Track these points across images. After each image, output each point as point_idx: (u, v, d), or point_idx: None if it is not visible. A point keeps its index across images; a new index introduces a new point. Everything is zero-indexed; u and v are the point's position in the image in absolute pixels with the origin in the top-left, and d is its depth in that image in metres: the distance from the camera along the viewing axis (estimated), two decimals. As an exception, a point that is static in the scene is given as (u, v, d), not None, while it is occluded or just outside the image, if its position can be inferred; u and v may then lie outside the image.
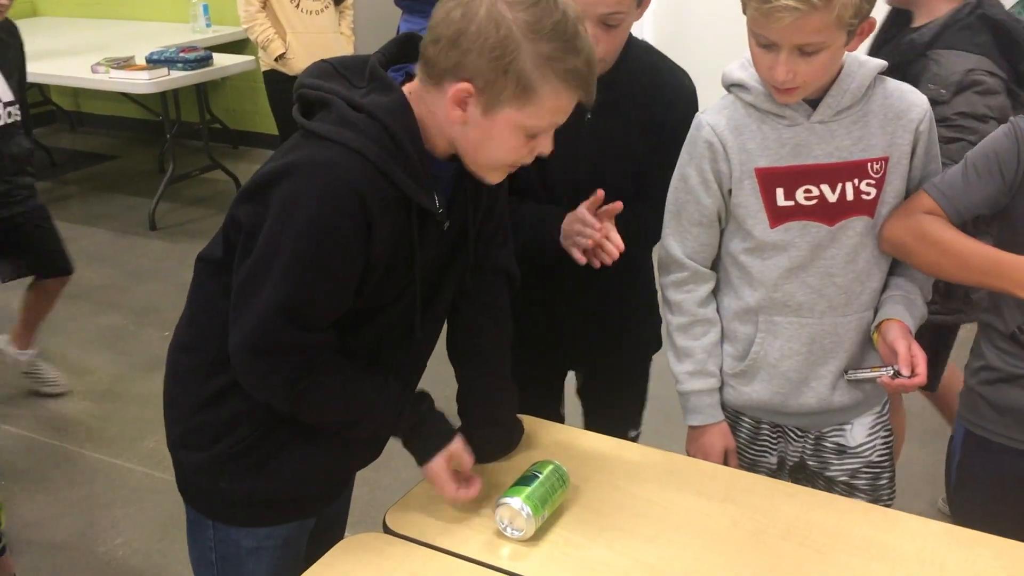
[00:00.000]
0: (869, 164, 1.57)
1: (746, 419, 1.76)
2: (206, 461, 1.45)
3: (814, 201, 1.58)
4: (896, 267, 1.67)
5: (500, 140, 1.29)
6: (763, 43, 1.47)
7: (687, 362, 1.71)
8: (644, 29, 4.72)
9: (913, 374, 1.53)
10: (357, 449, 1.51)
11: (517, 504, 1.38)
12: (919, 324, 1.63)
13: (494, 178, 1.38)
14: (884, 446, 1.75)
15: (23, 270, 3.23)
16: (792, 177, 1.57)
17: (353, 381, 1.37)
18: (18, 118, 3.05)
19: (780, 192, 1.58)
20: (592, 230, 1.68)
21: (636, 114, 1.80)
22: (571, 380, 2.21)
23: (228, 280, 1.34)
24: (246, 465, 1.43)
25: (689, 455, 1.76)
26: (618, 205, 1.70)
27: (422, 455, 1.45)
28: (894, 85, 1.60)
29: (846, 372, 1.65)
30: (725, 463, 1.73)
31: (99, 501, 2.90)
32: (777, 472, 1.78)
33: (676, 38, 4.71)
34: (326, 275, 1.28)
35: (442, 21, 1.24)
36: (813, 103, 1.55)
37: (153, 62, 4.87)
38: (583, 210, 1.71)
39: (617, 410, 2.13)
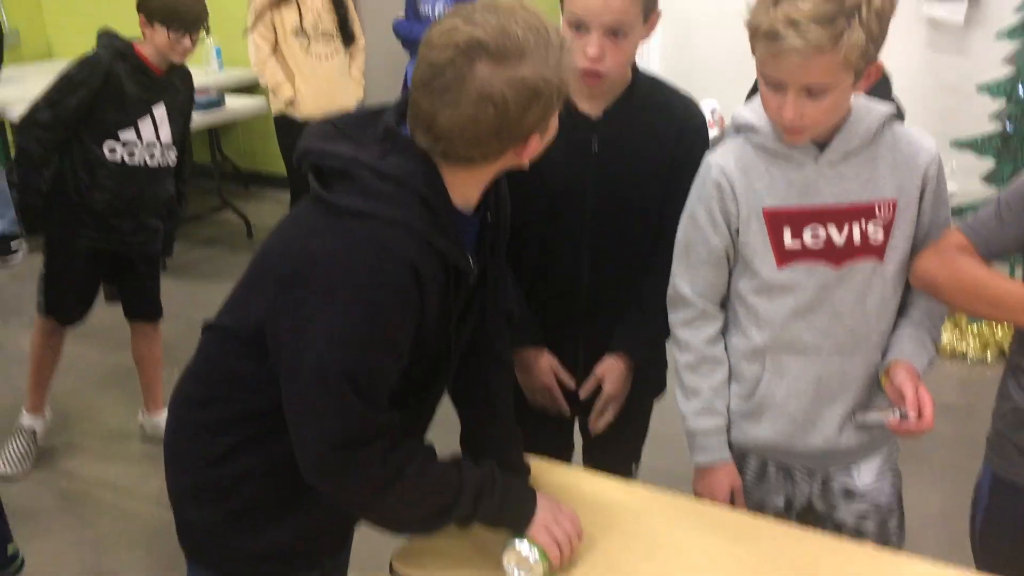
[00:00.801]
0: (877, 207, 1.58)
1: (752, 459, 1.75)
2: (216, 517, 1.43)
3: (821, 242, 1.58)
4: (906, 309, 1.67)
5: (552, 133, 1.34)
6: (771, 83, 1.49)
7: (694, 400, 1.71)
8: (651, 63, 4.77)
9: (921, 417, 1.53)
10: None
11: (525, 549, 1.38)
12: (929, 367, 1.62)
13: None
14: (892, 489, 1.74)
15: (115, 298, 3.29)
16: (799, 218, 1.58)
17: (427, 455, 1.35)
18: (172, 162, 3.13)
19: (787, 232, 1.59)
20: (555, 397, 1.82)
21: (644, 146, 1.80)
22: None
23: (243, 345, 1.34)
24: (256, 520, 1.42)
25: (696, 494, 1.75)
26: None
27: (520, 524, 1.42)
28: (903, 130, 1.61)
29: (854, 414, 1.64)
30: (732, 503, 1.72)
31: (106, 542, 2.88)
32: (784, 514, 1.76)
33: (683, 75, 4.76)
34: (391, 352, 1.27)
35: (471, 126, 1.23)
36: (821, 145, 1.57)
37: (166, 105, 4.92)
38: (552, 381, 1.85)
39: (618, 446, 2.12)
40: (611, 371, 1.87)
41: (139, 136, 3.01)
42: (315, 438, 1.26)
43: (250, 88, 5.85)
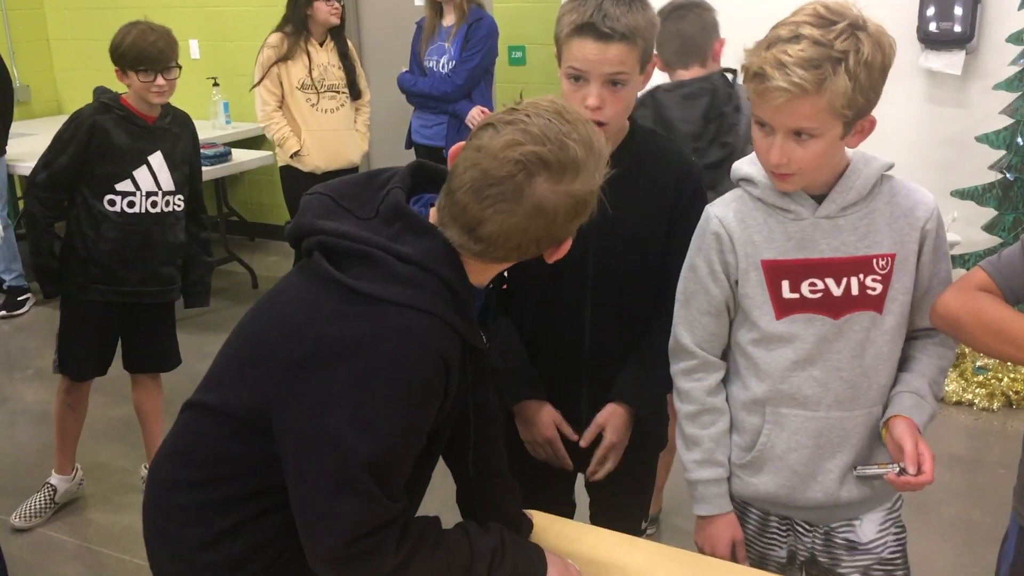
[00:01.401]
0: (875, 260, 1.58)
1: (754, 511, 1.74)
2: None
3: (819, 295, 1.59)
4: (907, 363, 1.67)
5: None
6: (760, 123, 1.52)
7: (695, 451, 1.71)
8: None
9: (920, 472, 1.52)
10: None
11: None
12: (929, 421, 1.62)
13: None
14: (896, 543, 1.72)
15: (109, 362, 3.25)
16: (797, 270, 1.59)
17: (437, 528, 1.33)
18: (178, 208, 3.13)
19: (785, 285, 1.60)
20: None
21: (645, 195, 1.81)
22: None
23: (234, 425, 1.30)
24: None
25: (697, 544, 1.74)
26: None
27: None
28: (901, 184, 1.63)
29: (855, 468, 1.64)
30: (733, 554, 1.71)
31: (106, 598, 2.86)
32: (787, 567, 1.75)
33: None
34: (414, 440, 1.25)
35: (519, 234, 1.25)
36: (819, 198, 1.58)
37: (173, 158, 4.99)
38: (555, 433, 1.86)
39: (622, 504, 2.09)
40: (612, 419, 1.86)
41: (136, 186, 3.01)
42: (328, 530, 1.22)
43: (256, 141, 5.92)
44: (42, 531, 3.19)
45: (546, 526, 1.66)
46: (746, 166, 1.64)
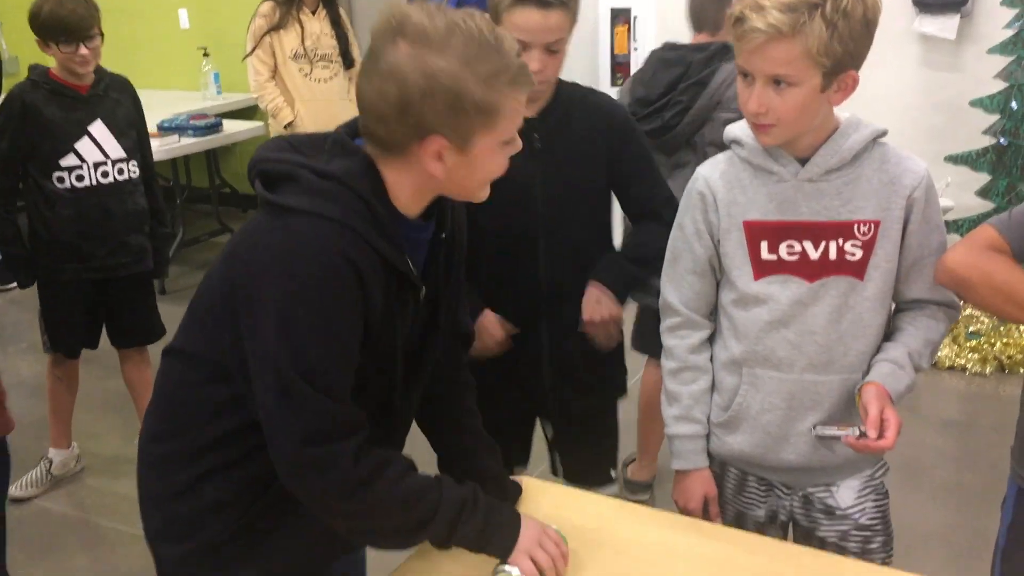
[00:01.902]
0: (856, 226, 1.58)
1: (733, 470, 1.77)
2: (185, 552, 1.41)
3: (796, 257, 1.60)
4: (893, 333, 1.67)
5: (484, 164, 1.31)
6: (743, 74, 1.53)
7: (675, 407, 1.74)
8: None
9: (881, 437, 1.53)
10: (337, 535, 1.45)
11: (516, 572, 1.37)
12: (906, 392, 1.61)
13: (483, 195, 1.38)
14: (876, 509, 1.73)
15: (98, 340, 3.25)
16: (777, 232, 1.60)
17: (407, 467, 1.34)
18: (133, 175, 3.08)
19: (764, 246, 1.61)
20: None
21: (581, 137, 1.95)
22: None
23: (205, 369, 1.34)
24: (226, 556, 1.40)
25: (673, 499, 1.78)
26: None
27: (502, 550, 1.40)
28: (893, 151, 1.62)
29: (814, 428, 1.64)
30: (706, 510, 1.74)
31: (104, 568, 2.88)
32: (766, 526, 1.77)
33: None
34: (338, 344, 1.26)
35: (378, 100, 1.25)
36: (805, 162, 1.58)
37: (164, 129, 4.96)
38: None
39: (589, 451, 2.21)
40: (585, 298, 1.98)
41: (81, 158, 2.97)
42: (284, 436, 1.26)
43: (248, 112, 5.88)
44: (39, 502, 3.21)
45: (537, 491, 1.67)
46: (737, 129, 1.65)
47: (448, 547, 1.38)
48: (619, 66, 4.81)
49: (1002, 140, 3.98)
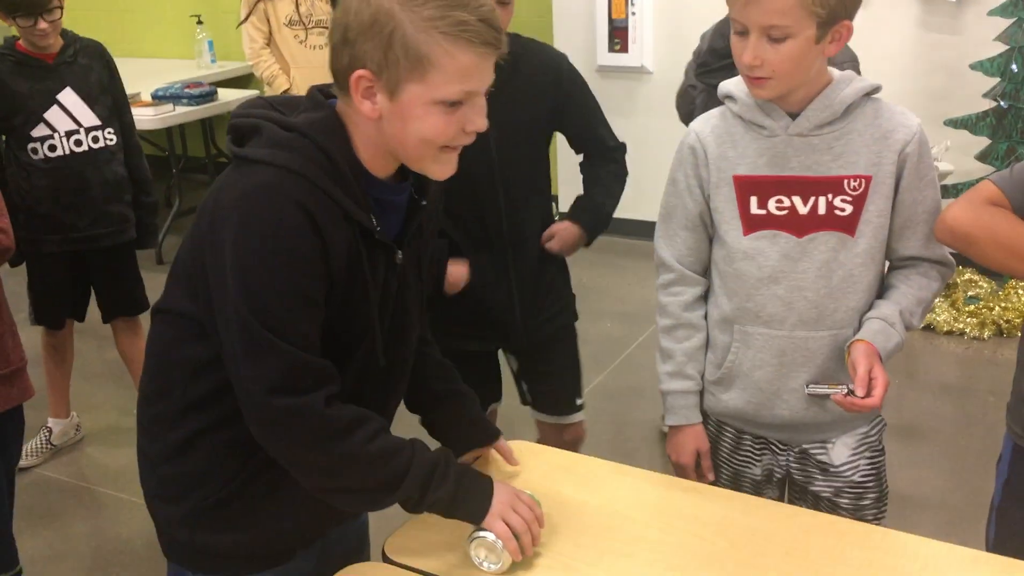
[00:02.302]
0: (846, 181, 1.58)
1: (729, 428, 1.78)
2: (180, 514, 1.42)
3: (785, 212, 1.60)
4: (885, 291, 1.66)
5: (419, 121, 1.25)
6: (738, 30, 1.52)
7: (668, 363, 1.76)
8: (644, 55, 4.76)
9: (869, 395, 1.53)
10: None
11: (492, 537, 1.37)
12: (895, 349, 1.61)
13: (439, 171, 1.32)
14: (870, 466, 1.74)
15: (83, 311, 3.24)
16: (766, 186, 1.60)
17: (382, 434, 1.33)
18: (111, 142, 3.06)
19: (754, 201, 1.61)
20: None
21: (529, 83, 2.09)
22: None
23: (186, 328, 1.33)
24: (221, 518, 1.40)
25: (667, 453, 1.80)
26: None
27: (475, 515, 1.40)
28: (886, 106, 1.61)
29: (807, 386, 1.65)
30: (698, 466, 1.76)
31: (105, 536, 2.90)
32: (763, 484, 1.78)
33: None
34: (298, 293, 1.24)
35: (333, 29, 1.25)
36: (797, 116, 1.57)
37: (158, 98, 4.93)
38: None
39: (556, 382, 2.36)
40: (557, 230, 2.21)
41: (52, 128, 2.94)
42: (251, 386, 1.25)
43: (244, 80, 5.84)
44: (40, 471, 3.23)
45: (536, 454, 1.68)
46: (731, 84, 1.64)
47: (420, 511, 1.37)
48: (617, 30, 4.77)
49: (1002, 103, 3.95)
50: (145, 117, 4.82)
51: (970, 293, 4.02)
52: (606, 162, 2.29)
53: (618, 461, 1.68)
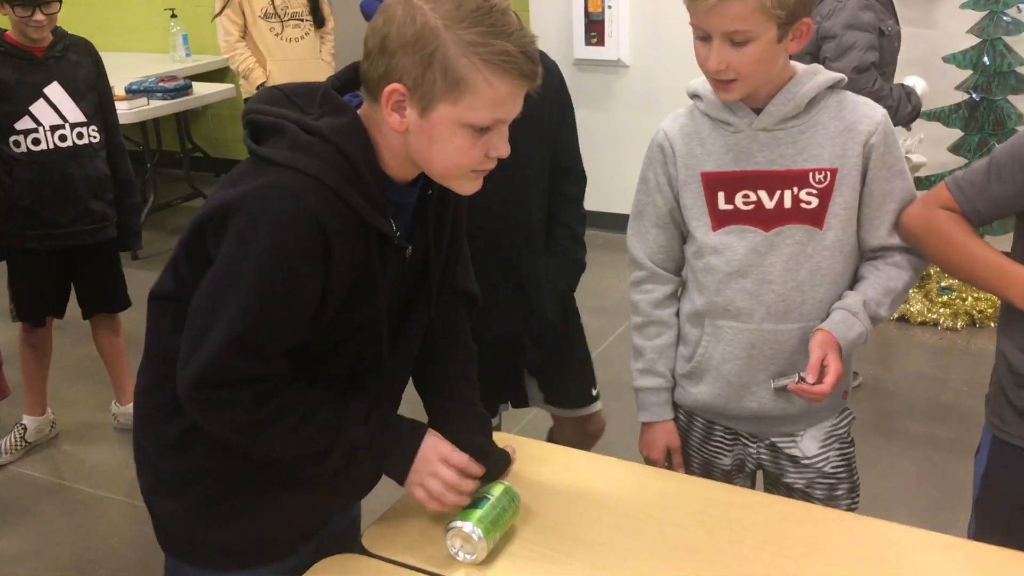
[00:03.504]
0: (811, 174, 1.59)
1: (699, 420, 1.79)
2: (179, 509, 1.41)
3: (752, 206, 1.61)
4: (855, 282, 1.67)
5: (446, 141, 1.25)
6: (700, 35, 1.53)
7: (639, 360, 1.78)
8: (620, 49, 4.77)
9: (820, 382, 1.55)
10: (335, 490, 1.47)
11: (468, 527, 1.37)
12: (859, 339, 1.62)
13: (464, 187, 1.33)
14: (840, 457, 1.75)
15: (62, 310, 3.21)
16: (733, 182, 1.61)
17: (313, 406, 1.33)
18: (94, 140, 3.02)
19: (721, 196, 1.63)
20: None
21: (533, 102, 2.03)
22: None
23: (179, 314, 1.31)
24: (221, 513, 1.39)
25: (639, 450, 1.81)
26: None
27: (399, 477, 1.41)
28: (852, 98, 1.62)
29: (772, 381, 1.66)
30: (669, 461, 1.78)
31: (81, 533, 2.88)
32: (734, 474, 1.80)
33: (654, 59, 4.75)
34: (284, 306, 1.25)
35: (370, 35, 1.24)
36: (760, 111, 1.59)
37: (132, 92, 4.89)
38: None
39: (569, 377, 2.31)
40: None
41: (37, 122, 2.92)
42: (187, 369, 1.26)
43: (219, 74, 5.80)
44: (15, 468, 3.20)
45: (511, 445, 1.68)
46: (696, 83, 1.65)
47: (347, 477, 1.40)
48: (593, 23, 4.78)
49: (974, 96, 3.98)
50: (119, 111, 4.73)
51: (943, 284, 4.06)
52: (570, 202, 2.22)
53: (597, 452, 1.69)
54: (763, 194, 1.60)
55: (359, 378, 1.41)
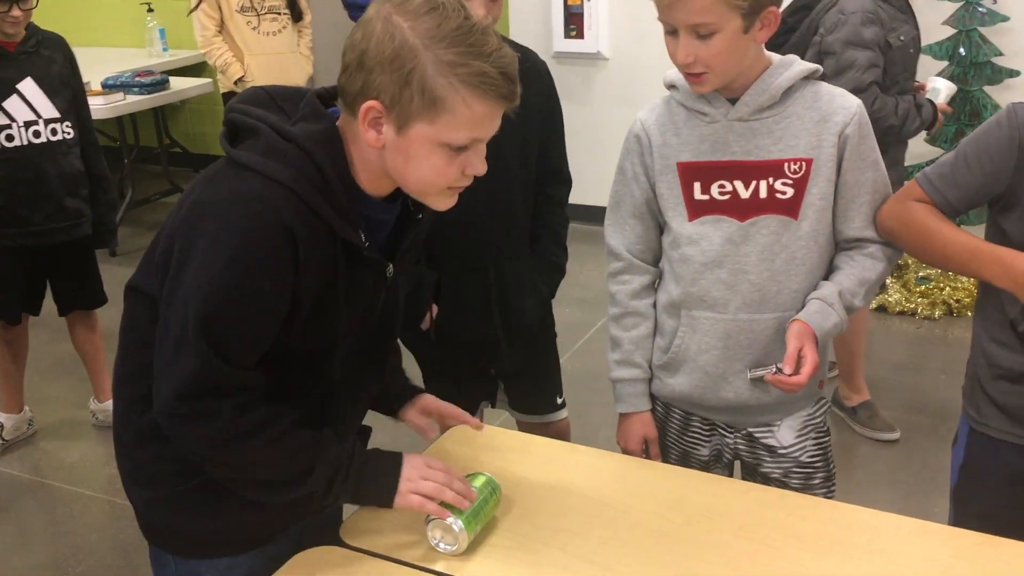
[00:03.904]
0: (787, 164, 1.59)
1: (676, 411, 1.79)
2: (157, 498, 1.42)
3: (727, 196, 1.61)
4: (832, 273, 1.67)
5: (422, 159, 1.25)
6: (668, 30, 1.54)
7: (616, 352, 1.77)
8: (600, 41, 4.78)
9: (796, 373, 1.56)
10: None
11: (449, 519, 1.37)
12: (834, 329, 1.62)
13: (439, 204, 1.33)
14: (816, 447, 1.75)
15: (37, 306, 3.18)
16: (709, 172, 1.62)
17: (292, 423, 1.33)
18: (68, 136, 3.00)
19: (697, 186, 1.63)
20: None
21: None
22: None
23: (152, 308, 1.31)
24: (199, 503, 1.39)
25: (616, 441, 1.81)
26: None
27: (384, 498, 1.41)
28: (827, 89, 1.62)
29: (748, 371, 1.66)
30: (646, 451, 1.78)
31: (60, 530, 2.86)
32: (711, 464, 1.80)
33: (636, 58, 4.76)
34: (254, 308, 1.25)
35: (348, 48, 1.23)
36: (736, 102, 1.59)
37: (108, 87, 4.85)
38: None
39: (536, 383, 2.32)
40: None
41: (10, 117, 2.89)
42: (165, 384, 1.25)
43: (197, 69, 5.77)
44: (-9, 467, 3.18)
45: (492, 436, 1.68)
46: (673, 74, 1.66)
47: (326, 503, 1.37)
48: (573, 16, 4.77)
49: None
50: (95, 106, 4.68)
51: (921, 274, 4.08)
52: (555, 205, 2.23)
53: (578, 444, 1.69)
54: (739, 184, 1.60)
55: (330, 393, 1.41)
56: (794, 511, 1.47)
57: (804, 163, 1.59)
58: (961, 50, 3.95)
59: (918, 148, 4.08)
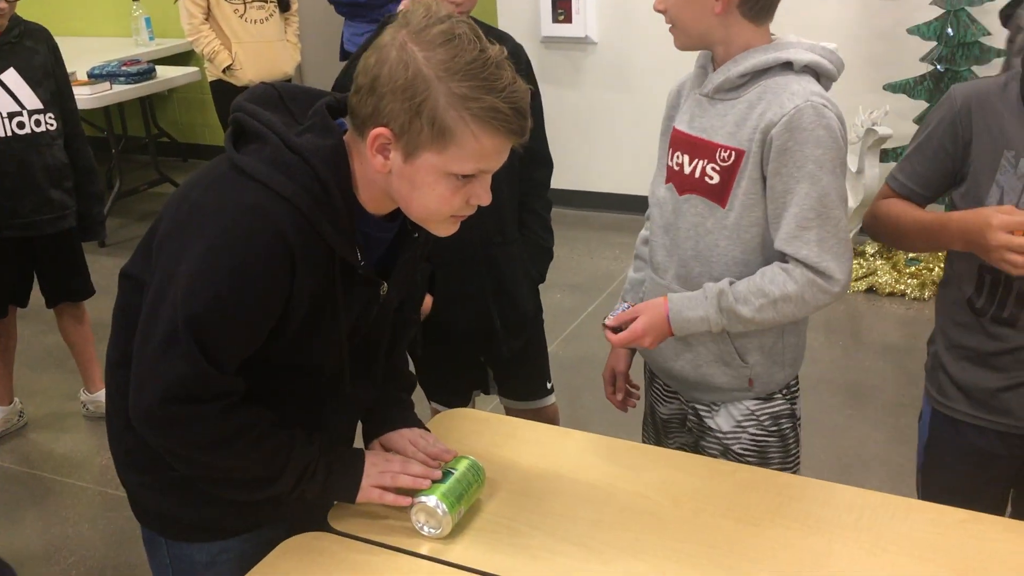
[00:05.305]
0: (718, 151, 1.59)
1: (648, 365, 1.86)
2: (147, 482, 1.43)
3: (677, 168, 1.66)
4: (760, 275, 1.58)
5: (427, 188, 1.25)
6: None
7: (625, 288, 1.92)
8: (588, 25, 4.76)
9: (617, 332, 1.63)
10: None
11: (432, 502, 1.38)
12: (695, 325, 1.59)
13: (441, 230, 1.32)
14: (752, 442, 1.71)
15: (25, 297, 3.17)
16: (676, 142, 1.68)
17: (269, 427, 1.35)
18: (52, 127, 2.98)
19: (672, 154, 1.69)
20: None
21: None
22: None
23: (139, 291, 1.31)
24: (189, 490, 1.40)
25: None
26: None
27: (349, 495, 1.43)
28: (785, 84, 1.54)
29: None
30: (614, 383, 1.90)
31: (51, 520, 2.86)
32: (673, 426, 1.84)
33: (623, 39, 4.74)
34: (244, 316, 1.25)
35: (361, 71, 1.23)
36: None
37: (94, 77, 4.83)
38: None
39: (524, 369, 2.33)
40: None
41: None
42: (149, 386, 1.25)
43: (184, 58, 5.74)
44: (-18, 459, 3.17)
45: (481, 422, 1.68)
46: None
47: (291, 501, 1.40)
48: (560, 1, 4.76)
49: (939, 67, 4.00)
50: (82, 96, 4.68)
51: (910, 255, 4.09)
52: (539, 187, 2.25)
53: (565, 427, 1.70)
54: (686, 159, 1.64)
55: (320, 403, 1.42)
56: (782, 491, 1.47)
57: (735, 152, 1.57)
58: (949, 30, 3.94)
59: (906, 129, 4.07)
